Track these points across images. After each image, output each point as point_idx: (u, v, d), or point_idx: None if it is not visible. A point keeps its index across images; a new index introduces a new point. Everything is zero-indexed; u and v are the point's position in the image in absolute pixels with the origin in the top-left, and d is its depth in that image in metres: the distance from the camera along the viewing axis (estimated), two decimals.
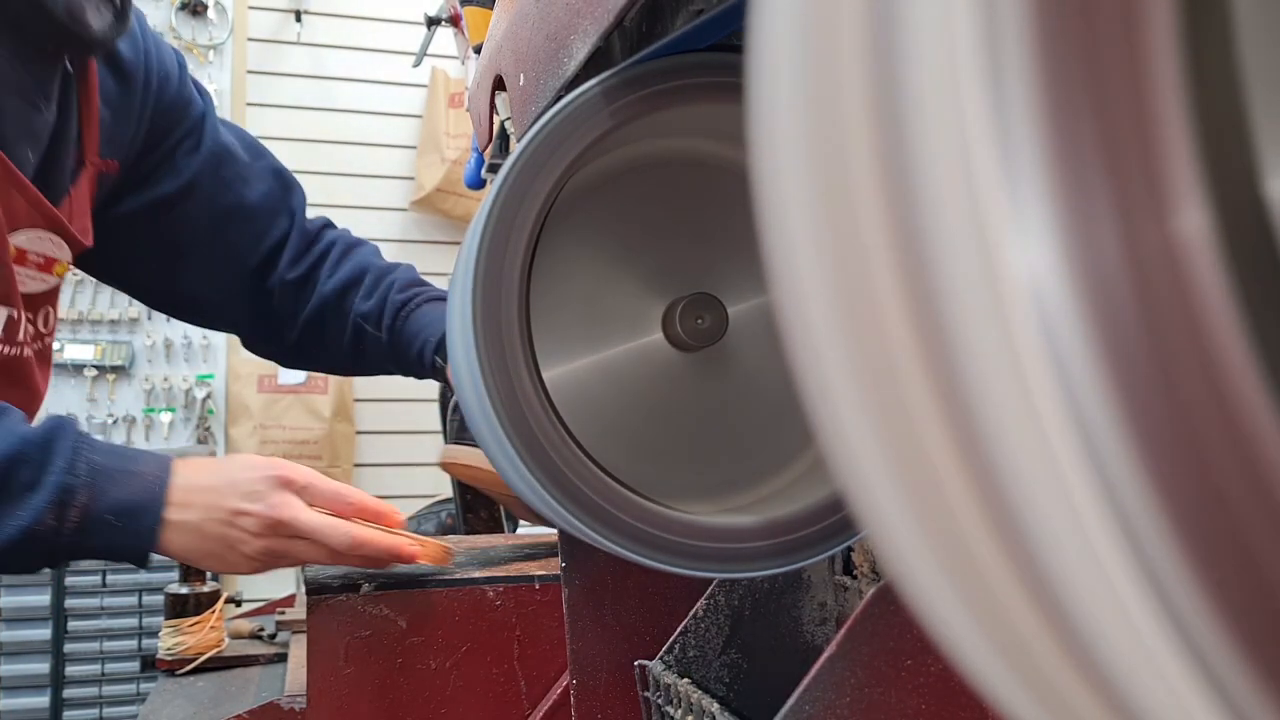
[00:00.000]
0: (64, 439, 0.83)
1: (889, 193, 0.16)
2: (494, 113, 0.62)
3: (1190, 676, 0.14)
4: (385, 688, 0.87)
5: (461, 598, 0.90)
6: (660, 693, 0.62)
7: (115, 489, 0.83)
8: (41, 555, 0.83)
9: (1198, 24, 0.14)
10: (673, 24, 0.49)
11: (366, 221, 3.32)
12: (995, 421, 0.15)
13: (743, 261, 0.55)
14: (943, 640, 0.18)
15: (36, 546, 0.81)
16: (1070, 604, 0.15)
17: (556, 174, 0.45)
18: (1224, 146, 0.13)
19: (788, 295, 0.18)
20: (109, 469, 0.84)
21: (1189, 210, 0.13)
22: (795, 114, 0.17)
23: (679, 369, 0.54)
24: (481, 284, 0.44)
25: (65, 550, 0.82)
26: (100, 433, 2.96)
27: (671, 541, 0.47)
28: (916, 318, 0.15)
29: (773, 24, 0.18)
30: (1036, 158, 0.14)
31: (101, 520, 0.82)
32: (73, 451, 0.82)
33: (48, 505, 0.80)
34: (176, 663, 1.11)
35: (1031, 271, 0.14)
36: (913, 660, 0.49)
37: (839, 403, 0.18)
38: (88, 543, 0.82)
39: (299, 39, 3.26)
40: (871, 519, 0.18)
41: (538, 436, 0.45)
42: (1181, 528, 0.13)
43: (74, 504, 0.81)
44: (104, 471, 0.83)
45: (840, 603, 0.66)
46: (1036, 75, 0.14)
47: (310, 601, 0.87)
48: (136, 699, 2.70)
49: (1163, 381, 0.13)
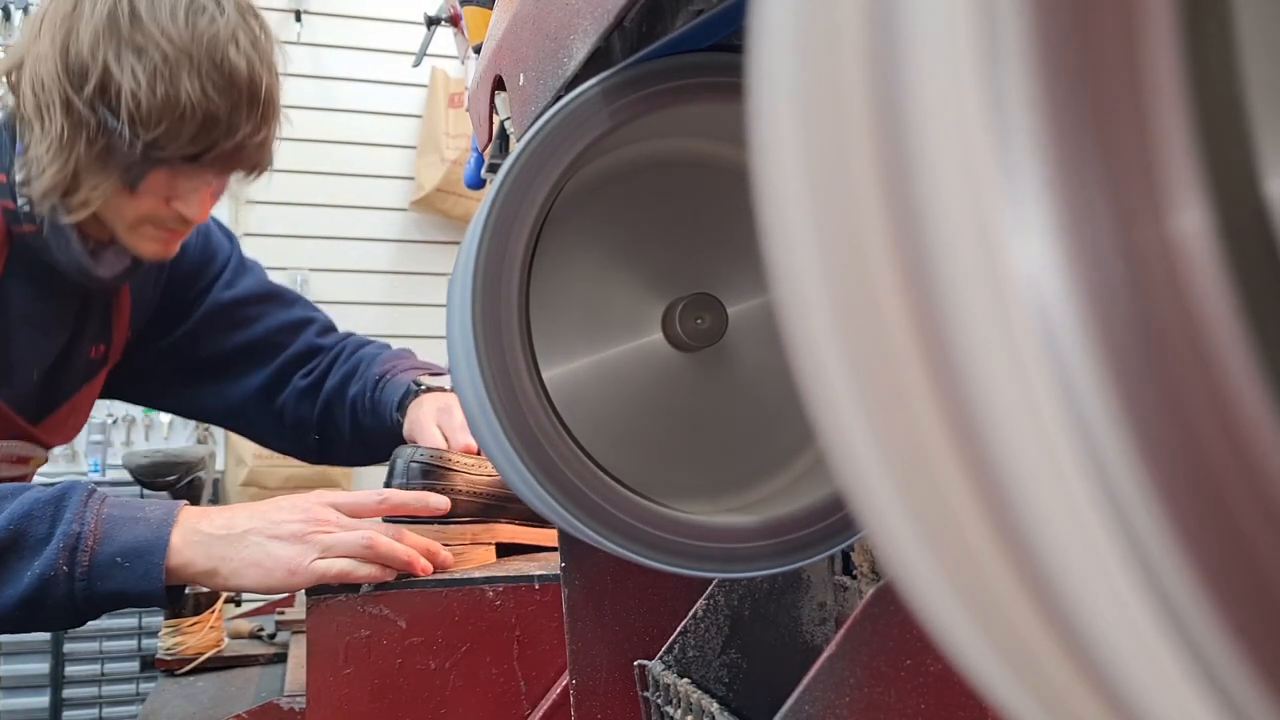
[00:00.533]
0: (75, 495, 0.88)
1: (889, 192, 0.16)
2: (494, 113, 0.62)
3: (1190, 676, 0.14)
4: (385, 688, 0.87)
5: (461, 598, 0.90)
6: (660, 693, 0.62)
7: (122, 534, 0.87)
8: (60, 605, 0.86)
9: (1198, 24, 0.14)
10: (673, 24, 0.49)
11: (366, 221, 3.32)
12: (995, 421, 0.15)
13: (743, 262, 0.55)
14: (942, 640, 0.18)
15: (52, 595, 0.85)
16: (1070, 603, 0.15)
17: (556, 174, 0.45)
18: (1224, 146, 0.13)
19: (788, 295, 0.18)
20: (116, 518, 0.88)
21: (1188, 210, 0.13)
22: (795, 114, 0.17)
23: (679, 369, 0.55)
24: (481, 284, 0.44)
25: (82, 598, 0.86)
26: (100, 433, 2.96)
27: (671, 541, 0.47)
28: (917, 318, 0.15)
29: (773, 24, 0.18)
30: (1036, 157, 0.14)
31: (111, 563, 0.86)
32: (82, 505, 0.87)
33: (58, 553, 0.85)
34: (176, 662, 1.11)
35: (1031, 271, 0.14)
36: (912, 660, 0.49)
37: (839, 403, 0.18)
38: (101, 587, 0.86)
39: (299, 39, 3.26)
40: (871, 519, 0.18)
41: (537, 436, 0.45)
42: (1181, 527, 0.13)
43: (82, 549, 0.85)
44: (111, 520, 0.88)
45: (840, 603, 0.66)
46: (1036, 75, 0.14)
47: (310, 601, 0.88)
48: (136, 699, 2.70)
49: (1162, 381, 0.13)
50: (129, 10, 0.94)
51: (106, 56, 0.93)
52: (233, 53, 0.97)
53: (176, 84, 0.94)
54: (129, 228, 1.04)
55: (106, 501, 0.89)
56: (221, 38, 0.97)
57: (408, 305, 3.31)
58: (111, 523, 0.87)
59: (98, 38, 0.94)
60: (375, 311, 3.29)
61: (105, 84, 0.94)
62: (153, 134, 0.95)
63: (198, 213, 1.04)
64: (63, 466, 2.87)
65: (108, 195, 0.99)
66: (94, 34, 0.94)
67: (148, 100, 0.93)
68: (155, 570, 0.85)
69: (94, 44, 0.94)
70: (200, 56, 0.95)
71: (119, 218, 1.03)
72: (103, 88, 0.94)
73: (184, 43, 0.94)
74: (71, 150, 0.95)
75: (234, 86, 0.97)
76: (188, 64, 0.94)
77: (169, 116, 0.94)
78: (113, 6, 0.94)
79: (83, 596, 0.86)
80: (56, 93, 0.94)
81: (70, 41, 0.94)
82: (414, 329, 3.29)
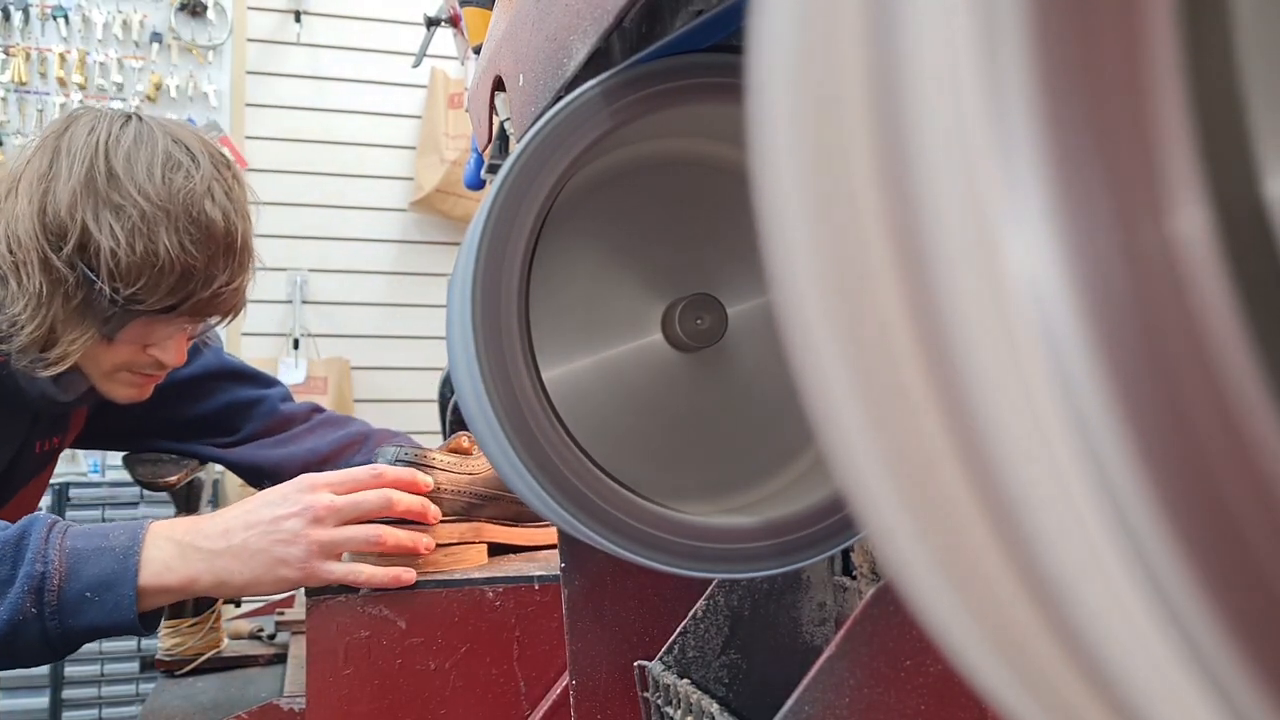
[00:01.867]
0: (36, 533, 0.86)
1: (889, 192, 0.16)
2: (493, 113, 0.62)
3: (1190, 676, 0.14)
4: (384, 688, 0.87)
5: (461, 598, 0.90)
6: (660, 693, 0.62)
7: (88, 568, 0.86)
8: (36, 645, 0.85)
9: (1197, 23, 0.14)
10: (672, 25, 0.49)
11: (366, 222, 3.32)
12: (994, 421, 0.15)
13: (742, 262, 0.55)
14: (942, 640, 0.18)
15: (26, 637, 0.84)
16: (1069, 604, 0.15)
17: (556, 174, 0.45)
18: (1224, 146, 0.13)
19: (788, 295, 0.18)
20: (81, 550, 0.87)
21: (1188, 210, 0.13)
22: (795, 115, 0.17)
23: (678, 370, 0.54)
24: (481, 285, 0.44)
25: (57, 635, 0.85)
26: None
27: (671, 542, 0.47)
28: (916, 318, 0.15)
29: (772, 24, 0.18)
30: (1036, 157, 0.14)
31: (80, 599, 0.85)
32: (43, 542, 0.86)
33: (23, 595, 0.84)
34: (176, 663, 1.11)
35: (1031, 271, 0.14)
36: (912, 660, 0.49)
37: (839, 403, 0.18)
38: (74, 623, 0.85)
39: (298, 39, 3.26)
40: (871, 519, 0.18)
41: (537, 437, 0.45)
42: (1181, 527, 0.13)
43: (49, 588, 0.84)
44: (75, 554, 0.86)
45: (840, 603, 0.66)
46: (1036, 74, 0.14)
47: (309, 602, 0.88)
48: (136, 699, 2.70)
49: (1162, 381, 0.13)
50: (106, 170, 0.96)
51: (85, 215, 0.95)
52: (209, 206, 0.99)
53: (155, 240, 0.95)
54: (105, 375, 1.05)
55: (68, 534, 0.87)
56: (198, 192, 0.98)
57: (407, 306, 3.31)
58: (76, 556, 0.85)
59: (75, 197, 0.95)
60: (375, 312, 3.29)
61: (84, 242, 0.95)
62: (132, 289, 0.96)
63: (174, 358, 1.06)
64: (63, 467, 2.86)
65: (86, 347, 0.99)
66: (72, 194, 0.95)
67: (127, 257, 0.94)
68: (125, 601, 0.84)
69: (72, 204, 0.95)
70: (178, 212, 0.97)
71: (95, 367, 1.04)
72: (82, 246, 0.95)
73: (161, 200, 0.96)
74: (50, 307, 0.96)
75: (211, 239, 0.99)
76: (165, 220, 0.96)
77: (148, 271, 0.95)
78: (90, 166, 0.96)
79: (56, 634, 0.85)
80: (34, 251, 0.95)
81: (48, 201, 0.95)
82: (414, 330, 3.29)
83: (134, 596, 0.85)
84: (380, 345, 3.27)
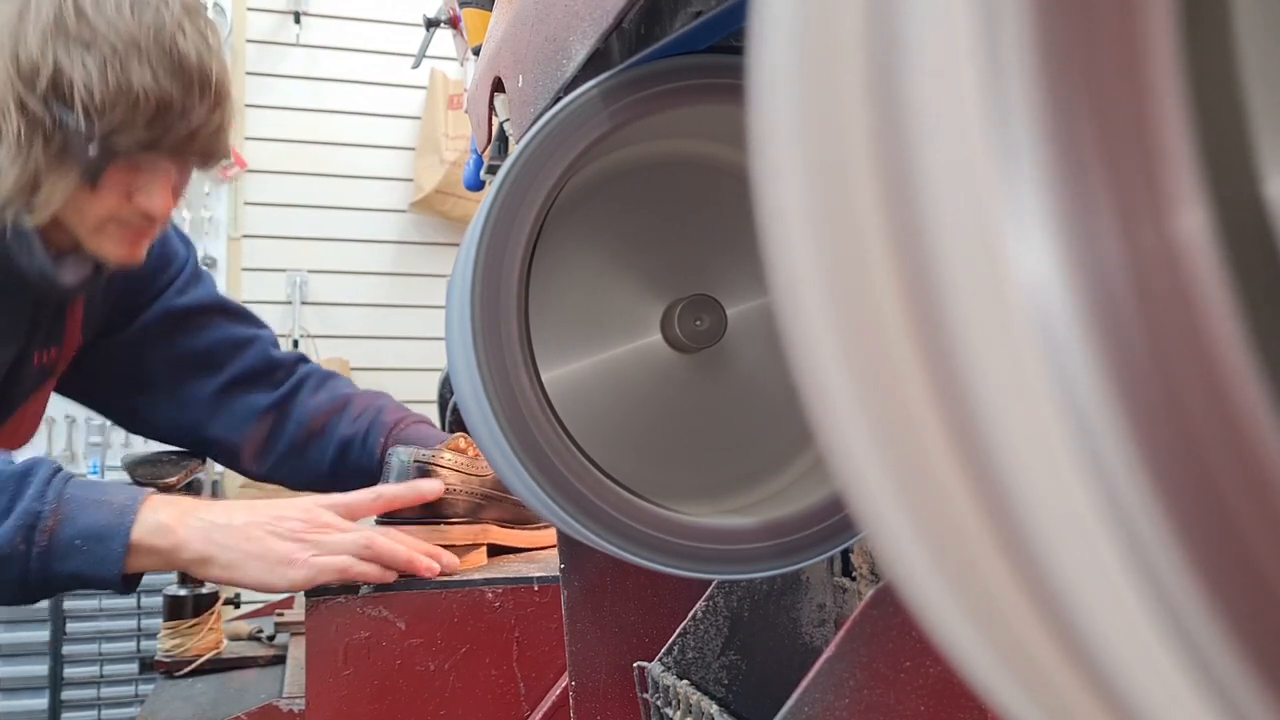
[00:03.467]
0: (41, 472, 0.89)
1: (889, 194, 0.16)
2: (493, 114, 0.62)
3: (1190, 677, 0.14)
4: (384, 689, 0.87)
5: (460, 599, 0.90)
6: (659, 694, 0.62)
7: (83, 516, 0.88)
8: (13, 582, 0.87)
9: (1197, 24, 0.14)
10: (671, 26, 0.49)
11: (365, 223, 3.32)
12: (994, 422, 0.15)
13: (742, 263, 0.55)
14: (942, 642, 0.18)
15: (6, 571, 0.86)
16: (1069, 605, 0.15)
17: (555, 175, 0.45)
18: (1224, 147, 0.13)
19: (787, 296, 0.18)
20: (80, 499, 0.89)
21: (1189, 211, 0.13)
22: (795, 115, 0.17)
23: (678, 370, 0.54)
24: (480, 286, 0.44)
25: (37, 577, 0.87)
26: (99, 434, 2.96)
27: (670, 543, 0.47)
28: (916, 319, 0.15)
29: (772, 25, 0.18)
30: (1036, 158, 0.14)
31: (70, 545, 0.87)
32: (46, 484, 0.88)
33: (16, 530, 0.85)
34: (175, 664, 1.11)
35: (1031, 272, 0.14)
36: (911, 662, 0.49)
37: (839, 404, 0.18)
38: (57, 567, 0.87)
39: (297, 40, 3.26)
40: (870, 520, 0.18)
41: (536, 438, 0.45)
42: (1181, 527, 0.13)
43: (41, 528, 0.86)
44: (74, 501, 0.88)
45: (839, 604, 0.66)
46: (1036, 76, 0.14)
47: (309, 603, 0.88)
48: (135, 701, 2.70)
49: (1162, 382, 0.13)
50: (74, 8, 0.96)
51: (56, 53, 0.95)
52: (181, 41, 0.99)
53: (128, 72, 0.95)
54: (93, 230, 1.04)
55: (71, 482, 0.89)
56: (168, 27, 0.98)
57: (407, 307, 3.31)
58: (74, 504, 0.87)
59: (46, 37, 0.95)
60: (374, 313, 3.29)
61: (57, 80, 0.95)
62: (108, 124, 0.96)
63: (160, 205, 1.05)
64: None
65: (69, 193, 0.99)
66: (42, 34, 0.95)
67: (100, 90, 0.95)
68: (114, 555, 0.86)
69: (42, 43, 0.95)
70: (149, 45, 0.97)
71: (82, 221, 1.03)
72: (55, 83, 0.95)
73: (131, 33, 0.96)
74: (30, 150, 0.96)
75: (184, 72, 0.99)
76: (137, 53, 0.96)
77: (123, 103, 0.96)
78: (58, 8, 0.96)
79: (37, 576, 0.86)
80: (10, 95, 0.96)
81: (19, 46, 0.96)
82: (413, 330, 3.29)
83: (123, 552, 0.87)
84: (379, 346, 3.27)
